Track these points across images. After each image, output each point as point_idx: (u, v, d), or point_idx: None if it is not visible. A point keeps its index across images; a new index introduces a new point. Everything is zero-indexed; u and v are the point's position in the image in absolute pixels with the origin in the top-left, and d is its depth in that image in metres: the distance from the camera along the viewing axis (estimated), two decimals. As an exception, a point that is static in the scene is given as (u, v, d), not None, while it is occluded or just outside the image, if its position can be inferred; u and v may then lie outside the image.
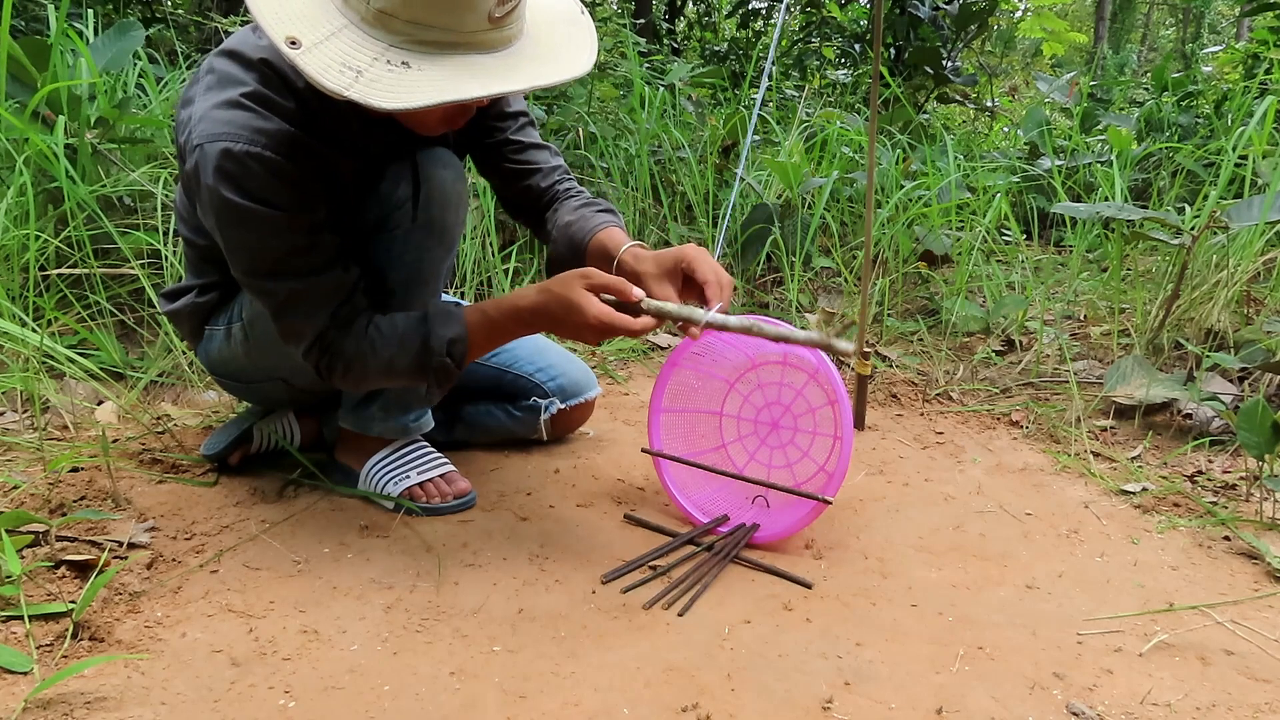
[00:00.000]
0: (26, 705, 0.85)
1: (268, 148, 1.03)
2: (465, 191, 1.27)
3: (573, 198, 1.38)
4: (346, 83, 0.90)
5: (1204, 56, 7.74)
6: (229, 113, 1.03)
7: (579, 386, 1.54)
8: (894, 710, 0.91)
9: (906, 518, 1.38)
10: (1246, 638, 1.07)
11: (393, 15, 0.92)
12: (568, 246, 1.31)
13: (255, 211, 1.04)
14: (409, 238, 1.20)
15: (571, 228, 1.31)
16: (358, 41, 0.93)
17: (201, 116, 1.04)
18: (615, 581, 1.15)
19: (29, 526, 1.14)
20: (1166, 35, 19.96)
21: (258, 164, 1.03)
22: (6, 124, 1.74)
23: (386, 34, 0.93)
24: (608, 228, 1.28)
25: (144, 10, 3.77)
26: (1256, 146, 2.26)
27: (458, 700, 0.90)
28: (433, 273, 1.25)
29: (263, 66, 1.07)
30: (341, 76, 0.90)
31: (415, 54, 0.93)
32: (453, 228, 1.25)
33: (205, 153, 1.02)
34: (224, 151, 1.02)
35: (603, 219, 1.30)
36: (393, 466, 1.34)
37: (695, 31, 7.47)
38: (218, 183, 1.02)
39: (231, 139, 1.02)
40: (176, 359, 1.77)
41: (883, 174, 2.77)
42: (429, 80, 0.92)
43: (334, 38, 0.92)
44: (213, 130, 1.03)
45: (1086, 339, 2.31)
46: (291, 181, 1.05)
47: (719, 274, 1.16)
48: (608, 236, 1.27)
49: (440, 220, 1.22)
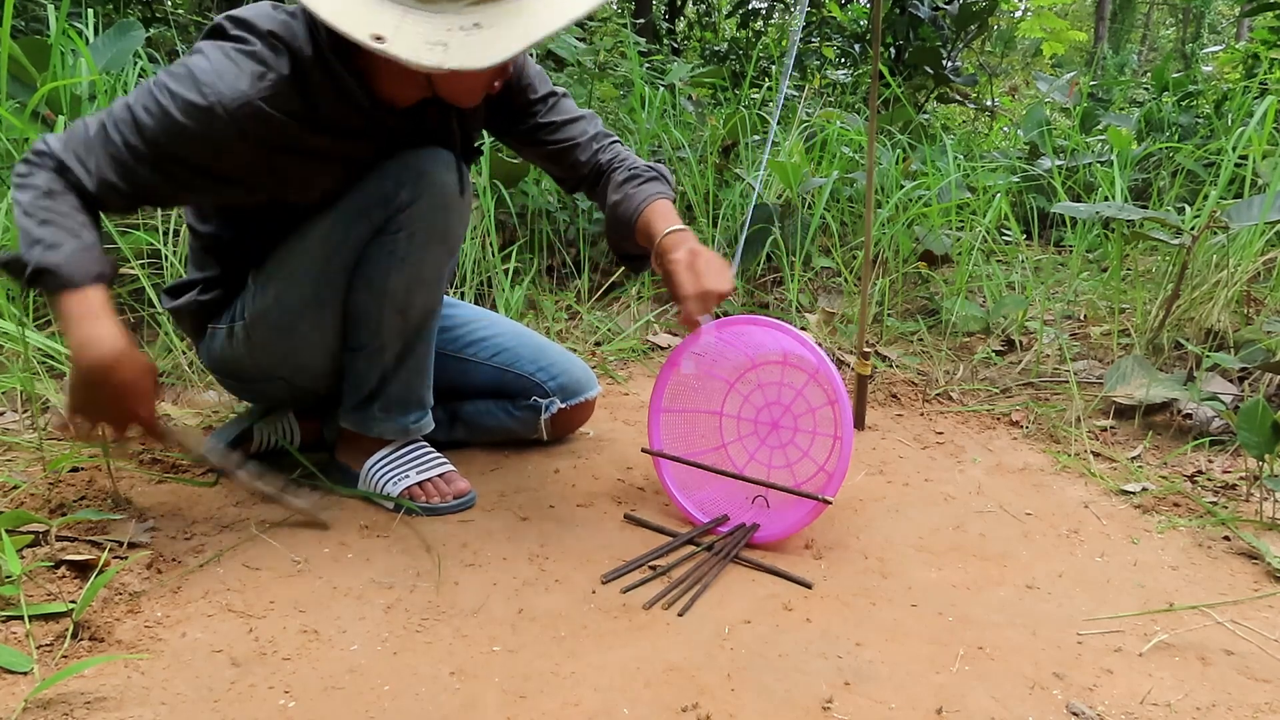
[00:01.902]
0: (26, 705, 0.85)
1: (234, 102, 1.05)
2: (469, 195, 1.28)
3: (616, 170, 1.38)
4: (440, 57, 0.97)
5: (1204, 56, 7.74)
6: (225, 61, 1.07)
7: (580, 386, 1.54)
8: (894, 710, 0.91)
9: (906, 518, 1.38)
10: (1246, 638, 1.07)
11: None
12: (621, 228, 1.34)
13: (179, 118, 1.05)
14: (411, 239, 1.21)
15: (619, 209, 1.34)
16: (427, 19, 0.99)
17: (199, 49, 1.08)
18: (615, 581, 1.15)
19: (29, 526, 1.14)
20: (1166, 35, 19.96)
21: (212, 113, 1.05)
22: (6, 124, 1.74)
23: (441, 14, 1.00)
24: (650, 204, 1.31)
25: (144, 10, 3.76)
26: (1256, 146, 2.26)
27: (458, 700, 0.90)
28: (434, 275, 1.25)
29: (270, 37, 1.09)
30: (433, 54, 0.97)
31: (475, 13, 1.00)
32: (455, 230, 1.25)
33: (184, 69, 1.06)
34: (193, 79, 1.05)
35: (645, 194, 1.32)
36: (392, 466, 1.34)
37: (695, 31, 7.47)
38: (169, 92, 1.05)
39: (207, 81, 1.05)
40: (176, 359, 1.77)
41: (883, 174, 2.77)
42: (504, 33, 1.00)
43: (403, 25, 0.98)
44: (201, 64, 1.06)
45: (1086, 339, 2.31)
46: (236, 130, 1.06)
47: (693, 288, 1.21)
48: (652, 216, 1.30)
49: (443, 223, 1.22)
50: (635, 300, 2.47)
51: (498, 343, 1.52)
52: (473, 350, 1.52)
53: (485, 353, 1.52)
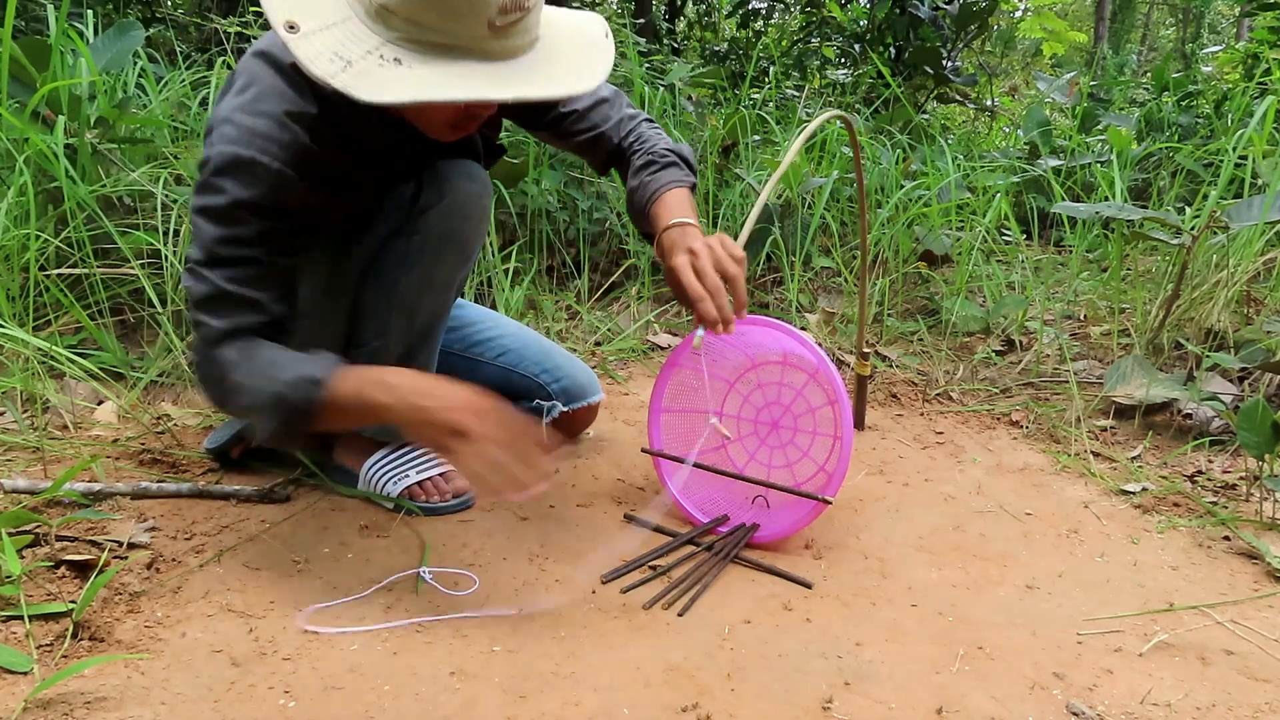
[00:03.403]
0: (26, 705, 0.85)
1: (278, 158, 1.02)
2: (488, 206, 1.27)
3: (635, 154, 1.34)
4: (334, 71, 0.89)
5: (1204, 56, 7.73)
6: (250, 119, 1.03)
7: (583, 390, 1.54)
8: (894, 710, 0.91)
9: (906, 518, 1.38)
10: (1246, 638, 1.07)
11: (393, 12, 0.92)
12: (637, 217, 1.31)
13: (241, 213, 1.03)
14: (425, 245, 1.20)
15: (634, 196, 1.30)
16: (355, 34, 0.93)
17: (224, 119, 1.04)
18: (615, 581, 1.15)
19: (29, 526, 1.14)
20: (1166, 35, 19.96)
21: (265, 172, 1.02)
22: (6, 124, 1.74)
23: (386, 30, 0.93)
24: (663, 194, 1.26)
25: (144, 10, 3.76)
26: (1256, 146, 2.25)
27: (458, 700, 0.90)
28: (446, 282, 1.25)
29: (291, 70, 1.06)
30: (330, 65, 0.90)
31: (410, 52, 0.93)
32: (471, 240, 1.25)
33: (217, 152, 1.02)
34: (234, 156, 1.02)
35: (660, 182, 1.27)
36: (392, 466, 1.34)
37: (695, 31, 7.47)
38: (219, 178, 1.02)
39: (245, 144, 1.02)
40: (176, 359, 1.77)
41: (883, 174, 2.77)
42: (416, 78, 0.92)
43: (334, 27, 0.92)
44: (230, 134, 1.02)
45: (1086, 339, 2.31)
46: (292, 195, 1.05)
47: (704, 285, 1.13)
48: (661, 208, 1.25)
49: (459, 231, 1.22)
50: (635, 300, 2.47)
51: (503, 343, 1.52)
52: (478, 350, 1.52)
53: (491, 353, 1.51)
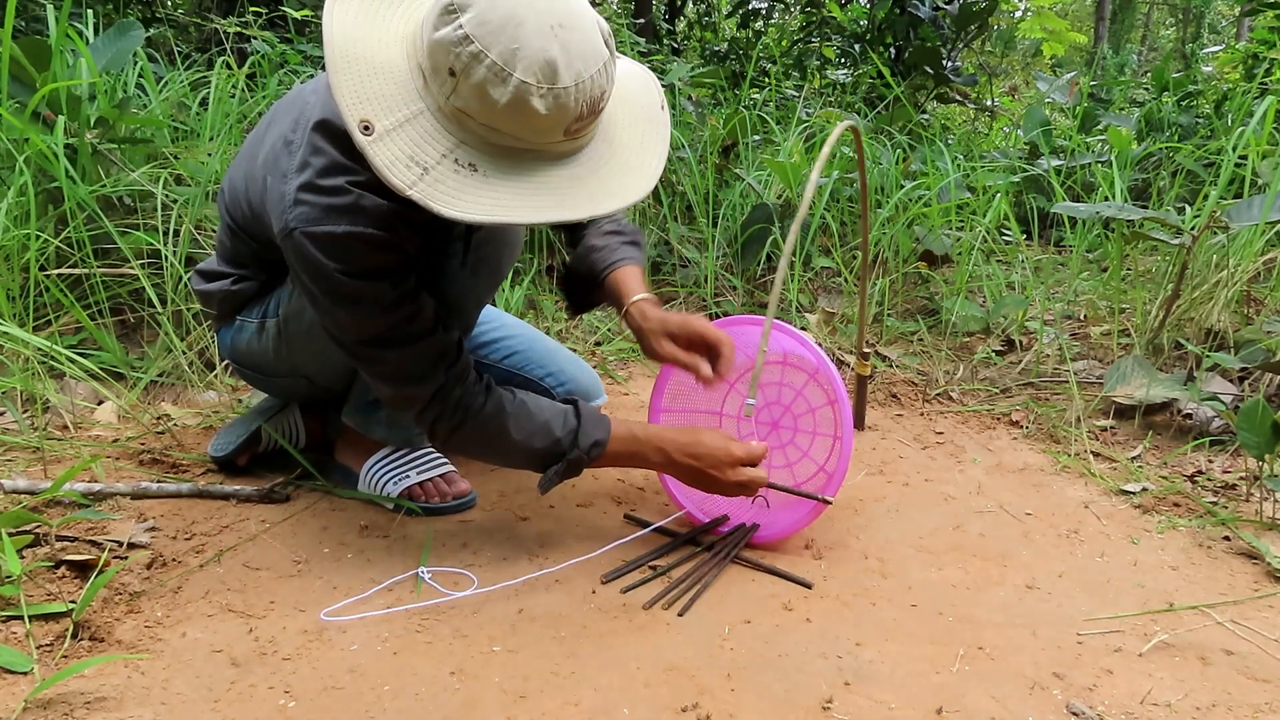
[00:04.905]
0: (26, 705, 0.85)
1: (367, 225, 1.02)
2: (520, 233, 1.27)
3: (600, 219, 1.35)
4: (411, 180, 0.91)
5: (1204, 56, 7.74)
6: (322, 198, 1.02)
7: (587, 394, 1.53)
8: (894, 710, 0.91)
9: (906, 518, 1.38)
10: (1246, 638, 1.07)
11: (470, 115, 0.92)
12: (586, 271, 1.32)
13: (365, 288, 1.04)
14: (458, 272, 1.20)
15: (594, 254, 1.31)
16: (429, 133, 0.93)
17: (295, 200, 1.03)
18: (615, 581, 1.15)
19: (29, 526, 1.14)
20: (1166, 35, 19.96)
21: (359, 243, 1.02)
22: (6, 124, 1.74)
23: (460, 130, 0.93)
24: (626, 265, 1.29)
25: (144, 10, 3.77)
26: (1256, 146, 2.25)
27: (458, 700, 0.90)
28: (474, 302, 1.25)
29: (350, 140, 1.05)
30: (407, 173, 0.91)
31: (484, 157, 0.94)
32: (503, 266, 1.27)
33: (306, 238, 1.02)
34: (325, 235, 1.01)
35: (625, 254, 1.30)
36: (392, 466, 1.34)
37: (695, 31, 7.47)
38: (324, 264, 1.02)
39: (331, 222, 1.01)
40: (176, 359, 1.77)
41: (883, 174, 2.77)
42: (492, 193, 0.93)
43: (408, 124, 0.92)
44: (309, 214, 1.02)
45: (1086, 339, 2.31)
46: (393, 253, 1.05)
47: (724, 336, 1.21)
48: (624, 277, 1.27)
49: (494, 258, 1.23)
50: (635, 300, 2.47)
51: (510, 345, 1.51)
52: (486, 350, 1.51)
53: (498, 354, 1.51)
